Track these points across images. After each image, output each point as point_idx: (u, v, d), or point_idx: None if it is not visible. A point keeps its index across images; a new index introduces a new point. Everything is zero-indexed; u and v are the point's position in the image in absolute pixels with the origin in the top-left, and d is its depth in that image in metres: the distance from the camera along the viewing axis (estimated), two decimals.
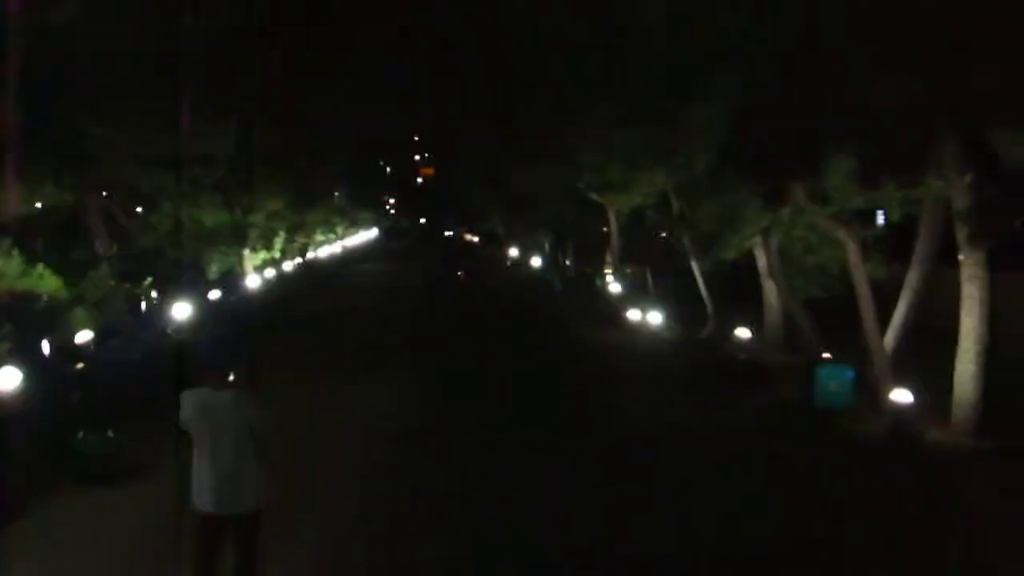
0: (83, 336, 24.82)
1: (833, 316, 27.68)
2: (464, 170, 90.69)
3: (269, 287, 50.03)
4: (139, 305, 32.89)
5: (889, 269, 24.85)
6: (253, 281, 44.74)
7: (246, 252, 47.35)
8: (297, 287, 55.68)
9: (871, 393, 22.31)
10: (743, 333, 30.90)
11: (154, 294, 33.95)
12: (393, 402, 23.35)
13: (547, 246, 71.20)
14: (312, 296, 52.41)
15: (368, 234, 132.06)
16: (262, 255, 51.08)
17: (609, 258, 53.41)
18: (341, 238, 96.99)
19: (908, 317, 23.90)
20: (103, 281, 27.86)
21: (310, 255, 75.39)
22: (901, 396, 19.90)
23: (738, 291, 34.18)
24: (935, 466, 18.14)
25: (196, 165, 36.10)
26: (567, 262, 62.91)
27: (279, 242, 54.50)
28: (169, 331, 30.20)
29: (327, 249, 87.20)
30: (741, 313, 32.45)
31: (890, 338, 23.35)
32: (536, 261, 72.53)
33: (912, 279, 23.83)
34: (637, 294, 44.08)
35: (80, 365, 23.31)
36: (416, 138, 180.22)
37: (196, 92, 32.17)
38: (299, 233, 63.33)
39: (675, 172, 32.20)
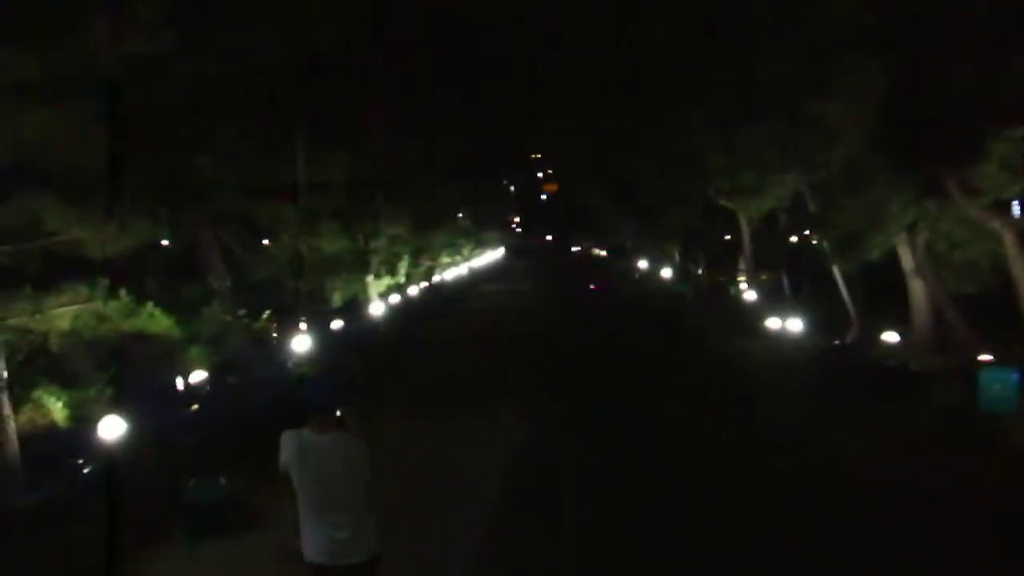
0: (197, 376, 23.82)
1: (987, 314, 25.78)
2: (588, 183, 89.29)
3: (393, 313, 48.95)
4: (259, 340, 31.82)
5: None
6: (377, 308, 43.52)
7: (369, 279, 46.43)
8: (422, 312, 54.54)
9: None
10: (890, 337, 28.87)
11: (274, 329, 32.86)
12: (525, 434, 21.88)
13: (677, 256, 69.30)
14: (437, 320, 51.36)
15: (494, 253, 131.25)
16: (386, 281, 50.10)
17: (742, 265, 51.69)
18: (467, 259, 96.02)
19: None
20: (218, 317, 26.91)
21: (436, 278, 74.38)
22: None
23: (881, 293, 32.39)
24: None
25: (313, 193, 35.38)
26: (699, 271, 60.91)
27: (403, 267, 53.47)
28: (290, 365, 29.24)
29: (453, 271, 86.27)
30: (886, 316, 30.69)
31: None
32: (666, 272, 70.55)
33: None
34: (773, 301, 42.27)
35: (194, 407, 22.30)
36: (538, 155, 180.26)
37: (308, 117, 31.52)
38: (423, 256, 62.29)
39: (809, 171, 30.49)
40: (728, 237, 58.55)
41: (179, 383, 23.61)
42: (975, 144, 18.82)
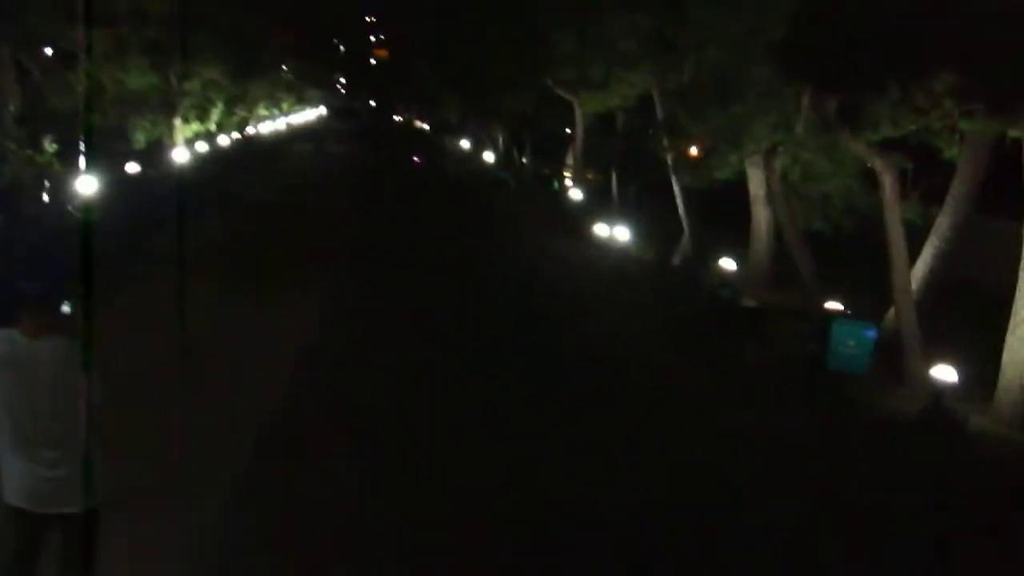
0: None
1: (828, 255, 24.31)
2: (419, 53, 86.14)
3: (198, 162, 45.78)
4: (39, 177, 28.63)
5: (926, 212, 21.02)
6: (181, 154, 40.18)
7: (177, 122, 43.17)
8: (232, 165, 51.27)
9: (889, 356, 18.96)
10: (727, 264, 27.28)
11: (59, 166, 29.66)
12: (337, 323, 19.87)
13: (501, 141, 67.00)
14: (247, 176, 48.08)
15: (316, 112, 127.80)
16: (195, 127, 46.81)
17: (570, 160, 49.81)
18: (286, 114, 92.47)
19: (935, 269, 20.57)
20: None
21: (251, 130, 70.86)
22: (943, 373, 16.32)
23: (716, 215, 30.62)
24: (990, 463, 14.75)
25: (124, 22, 32.20)
26: (523, 160, 58.69)
27: (216, 114, 50.12)
28: (71, 209, 26.30)
29: (270, 125, 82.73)
30: (720, 241, 29.02)
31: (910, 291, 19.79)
32: (489, 156, 68.16)
33: (943, 225, 20.45)
34: (600, 203, 40.51)
35: None
36: (372, 19, 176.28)
37: None
38: (240, 106, 58.83)
39: (668, 73, 28.52)
40: (564, 131, 56.82)
41: None
42: (885, 74, 16.74)
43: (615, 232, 33.37)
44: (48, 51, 33.12)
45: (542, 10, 35.57)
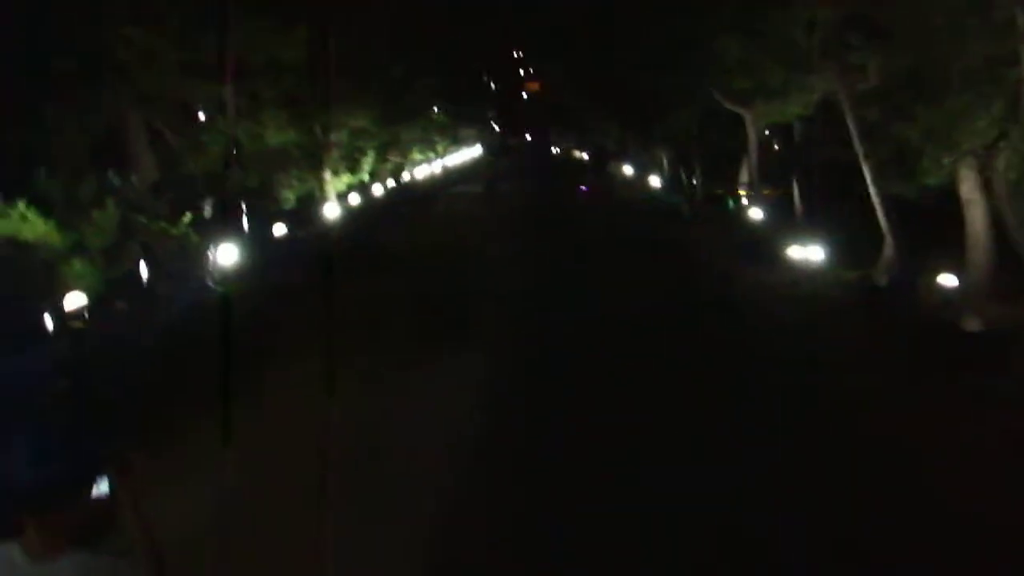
0: (74, 300, 18.43)
1: None
2: (572, 82, 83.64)
3: (352, 215, 43.63)
4: (177, 250, 26.45)
5: None
6: (332, 210, 37.95)
7: (327, 176, 41.14)
8: (385, 214, 49.00)
9: None
10: (946, 279, 23.62)
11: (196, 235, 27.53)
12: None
13: (666, 163, 63.71)
14: (401, 226, 45.57)
15: (471, 152, 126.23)
16: (346, 179, 44.83)
17: (743, 177, 46.43)
18: (442, 157, 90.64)
19: None
20: (111, 221, 21.57)
21: (406, 176, 68.95)
22: None
23: (917, 225, 27.03)
24: None
25: (261, 74, 30.28)
26: (693, 181, 55.19)
27: (367, 163, 48.12)
28: (210, 283, 24.04)
29: (426, 169, 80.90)
30: (927, 253, 25.43)
31: None
32: (655, 180, 64.85)
33: None
34: (782, 221, 37.07)
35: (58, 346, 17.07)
36: (519, 53, 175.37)
37: None
38: (392, 152, 56.88)
39: (854, 72, 25.25)
40: (734, 146, 53.46)
41: (49, 311, 18.24)
42: None
43: (806, 252, 29.96)
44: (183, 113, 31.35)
45: (704, 15, 32.32)
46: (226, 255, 24.60)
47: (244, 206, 33.70)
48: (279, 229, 34.55)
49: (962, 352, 19.30)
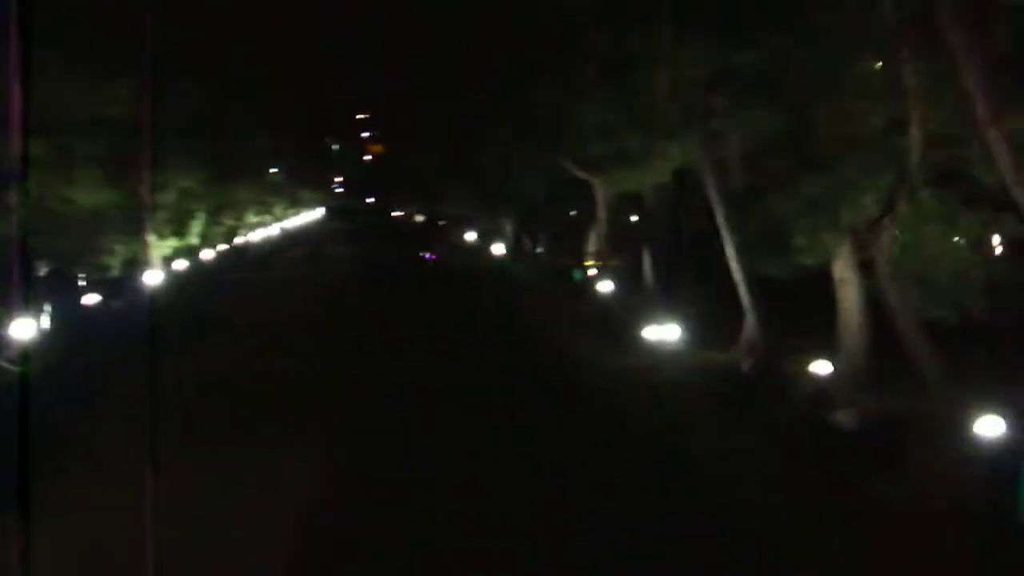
0: None
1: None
2: (416, 146, 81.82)
3: (177, 282, 40.69)
4: None
5: None
6: (154, 276, 34.67)
7: (151, 239, 38.21)
8: (215, 281, 46.09)
9: None
10: (820, 367, 21.78)
11: None
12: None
13: (510, 230, 61.97)
14: (231, 293, 42.72)
15: (312, 214, 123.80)
16: (173, 242, 41.88)
17: (590, 247, 44.80)
18: (280, 219, 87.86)
19: None
20: None
21: (240, 239, 65.99)
22: None
23: (780, 302, 25.85)
24: None
25: (77, 129, 27.60)
26: (537, 250, 53.37)
27: (196, 226, 45.27)
28: (5, 363, 21.22)
29: (263, 232, 78.01)
30: (788, 331, 23.88)
31: None
32: (498, 247, 62.90)
33: None
34: (632, 294, 35.42)
35: None
36: (365, 115, 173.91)
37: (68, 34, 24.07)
38: (225, 214, 54.03)
39: (715, 140, 23.62)
40: (573, 213, 51.95)
41: None
42: None
43: (662, 330, 28.05)
44: None
45: (562, 77, 30.47)
46: (23, 329, 21.71)
47: (53, 273, 30.77)
48: (92, 298, 31.52)
49: (839, 455, 17.42)
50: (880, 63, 18.74)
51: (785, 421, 20.20)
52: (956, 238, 19.03)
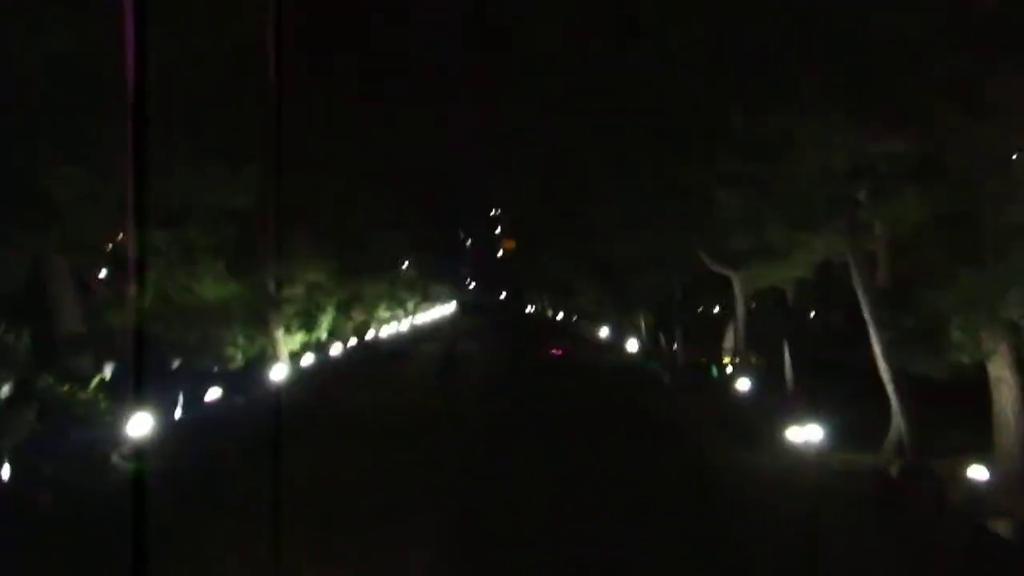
0: None
1: None
2: (548, 241, 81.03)
3: (305, 377, 39.95)
4: (83, 418, 22.81)
5: None
6: (279, 372, 33.77)
7: (279, 334, 37.64)
8: (342, 377, 45.14)
9: None
10: (976, 471, 20.05)
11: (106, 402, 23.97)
12: None
13: (644, 326, 60.41)
14: (361, 389, 41.66)
15: (444, 309, 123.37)
16: (300, 337, 41.29)
17: (727, 343, 43.33)
18: (411, 314, 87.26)
19: None
20: None
21: (370, 334, 65.32)
22: None
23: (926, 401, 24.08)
24: None
25: (196, 220, 27.29)
26: (674, 347, 51.68)
27: (325, 320, 44.69)
28: (115, 459, 20.55)
29: (394, 327, 77.38)
30: (937, 433, 22.58)
31: None
32: (632, 344, 61.26)
33: None
34: (772, 393, 33.78)
35: None
36: (497, 210, 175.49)
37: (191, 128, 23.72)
38: (355, 309, 53.43)
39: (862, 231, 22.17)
40: (710, 308, 50.69)
41: None
42: None
43: (804, 432, 26.27)
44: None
45: (695, 163, 29.14)
46: (140, 425, 20.97)
47: (176, 366, 30.24)
48: (213, 393, 30.80)
49: (997, 568, 15.76)
50: None
51: (937, 529, 18.54)
52: None
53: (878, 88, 19.39)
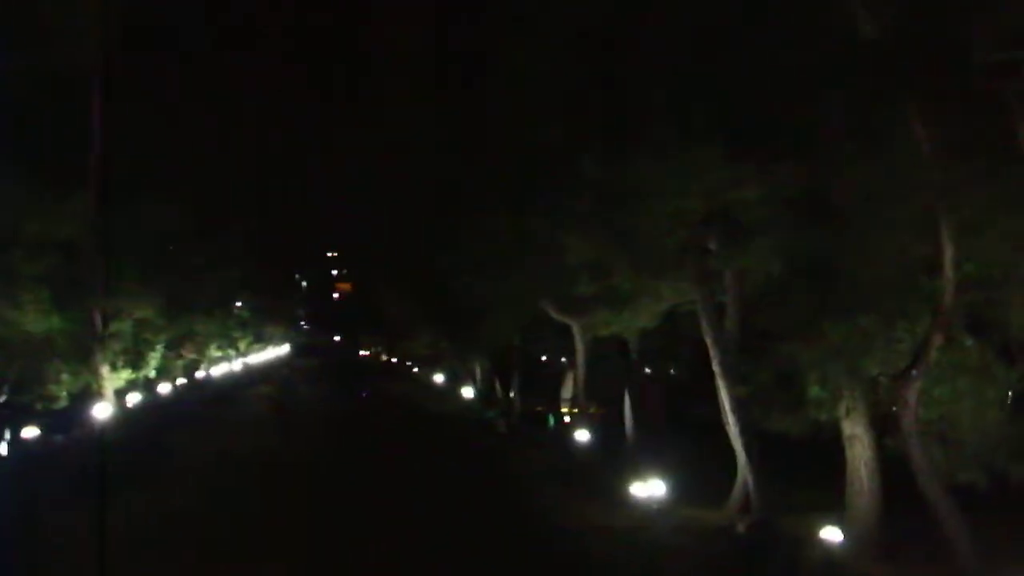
0: None
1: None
2: (385, 285, 79.81)
3: (129, 417, 38.24)
4: None
5: None
6: (103, 410, 32.21)
7: (104, 370, 35.93)
8: (170, 416, 43.50)
9: None
10: (830, 534, 19.62)
11: None
12: None
13: (479, 373, 59.70)
14: (186, 429, 40.17)
15: (277, 351, 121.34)
16: (126, 374, 39.50)
17: (565, 393, 42.89)
18: (244, 354, 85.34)
19: None
20: None
21: (201, 374, 63.46)
22: None
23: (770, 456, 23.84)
24: None
25: (26, 250, 25.92)
26: (511, 395, 50.93)
27: (154, 358, 42.92)
28: None
29: (226, 367, 75.50)
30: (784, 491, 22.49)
31: None
32: (468, 390, 60.39)
33: None
34: (611, 445, 33.42)
35: None
36: (333, 253, 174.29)
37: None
38: (185, 347, 51.64)
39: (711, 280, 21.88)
40: (544, 358, 50.21)
41: None
42: None
43: (647, 486, 25.69)
44: None
45: (547, 212, 28.44)
46: None
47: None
48: (31, 431, 29.17)
49: None
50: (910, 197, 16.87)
51: None
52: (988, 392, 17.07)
53: (752, 124, 18.99)
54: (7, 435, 28.51)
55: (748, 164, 18.64)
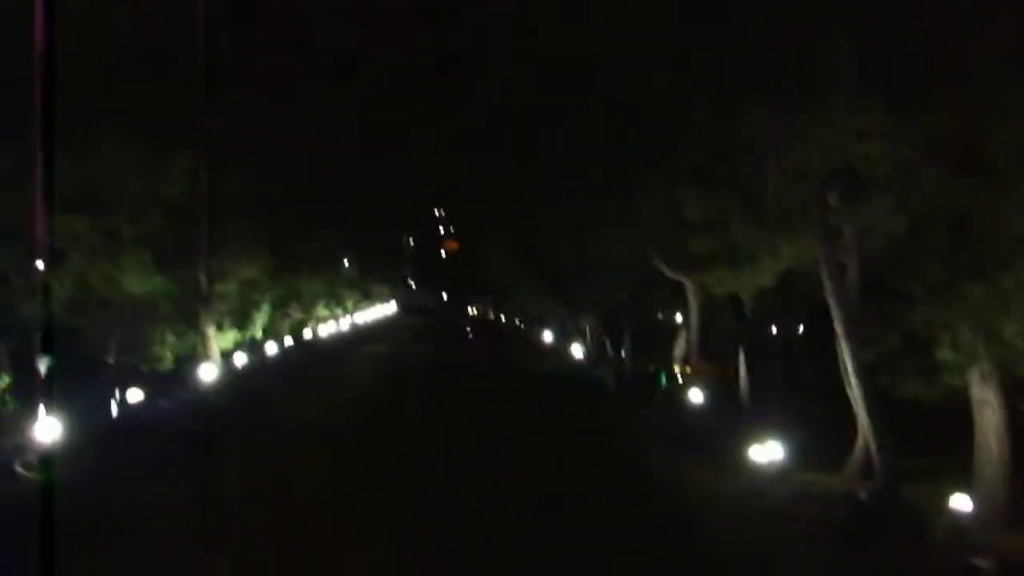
0: None
1: None
2: (493, 243, 79.00)
3: (237, 377, 37.98)
4: None
5: None
6: (208, 372, 31.62)
7: (210, 331, 35.67)
8: (279, 377, 43.19)
9: None
10: (959, 503, 18.49)
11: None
12: None
13: (589, 332, 58.64)
14: (296, 392, 39.71)
15: (384, 309, 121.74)
16: (233, 335, 39.31)
17: (677, 351, 41.63)
18: (351, 313, 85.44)
19: None
20: None
21: (308, 333, 63.34)
22: None
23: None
24: None
25: (122, 209, 25.35)
26: (622, 354, 49.88)
27: (260, 318, 42.76)
28: (19, 469, 18.74)
29: (333, 326, 75.49)
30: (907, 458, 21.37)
31: None
32: (576, 349, 59.51)
33: None
34: (726, 406, 32.26)
35: None
36: (440, 211, 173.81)
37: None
38: (291, 307, 51.54)
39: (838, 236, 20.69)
40: (660, 316, 49.06)
41: None
42: None
43: (763, 449, 24.55)
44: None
45: (658, 165, 27.31)
46: (47, 431, 19.04)
47: (111, 362, 28.42)
48: (136, 394, 28.84)
49: None
50: None
51: (917, 564, 17.07)
52: None
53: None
54: (117, 396, 28.29)
55: (889, 115, 17.31)
